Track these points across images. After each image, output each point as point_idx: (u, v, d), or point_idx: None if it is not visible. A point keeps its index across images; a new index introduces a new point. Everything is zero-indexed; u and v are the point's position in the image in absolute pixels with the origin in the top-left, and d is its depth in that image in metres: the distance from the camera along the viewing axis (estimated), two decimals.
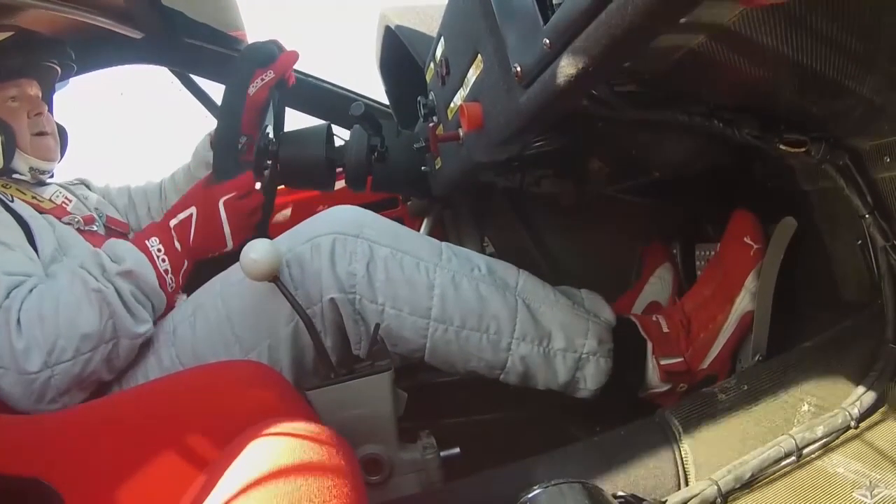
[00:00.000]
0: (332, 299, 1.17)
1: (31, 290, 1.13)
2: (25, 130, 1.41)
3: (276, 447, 0.79)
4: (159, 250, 1.25)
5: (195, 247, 1.29)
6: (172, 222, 1.28)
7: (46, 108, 1.49)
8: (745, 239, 1.21)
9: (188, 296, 1.33)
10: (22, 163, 1.41)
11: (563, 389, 1.25)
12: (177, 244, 1.27)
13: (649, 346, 1.26)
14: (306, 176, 1.50)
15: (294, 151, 1.46)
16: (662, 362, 1.24)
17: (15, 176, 1.41)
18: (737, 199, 1.29)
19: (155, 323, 1.25)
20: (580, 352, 1.22)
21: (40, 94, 1.48)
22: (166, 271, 1.25)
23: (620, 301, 1.49)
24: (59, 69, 1.53)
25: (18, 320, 1.10)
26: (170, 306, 1.29)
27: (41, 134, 1.45)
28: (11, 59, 1.41)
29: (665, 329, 1.28)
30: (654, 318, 1.31)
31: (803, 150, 0.92)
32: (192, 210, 1.29)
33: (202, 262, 1.34)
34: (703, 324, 1.25)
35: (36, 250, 1.26)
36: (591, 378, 1.23)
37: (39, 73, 1.48)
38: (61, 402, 1.12)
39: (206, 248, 1.31)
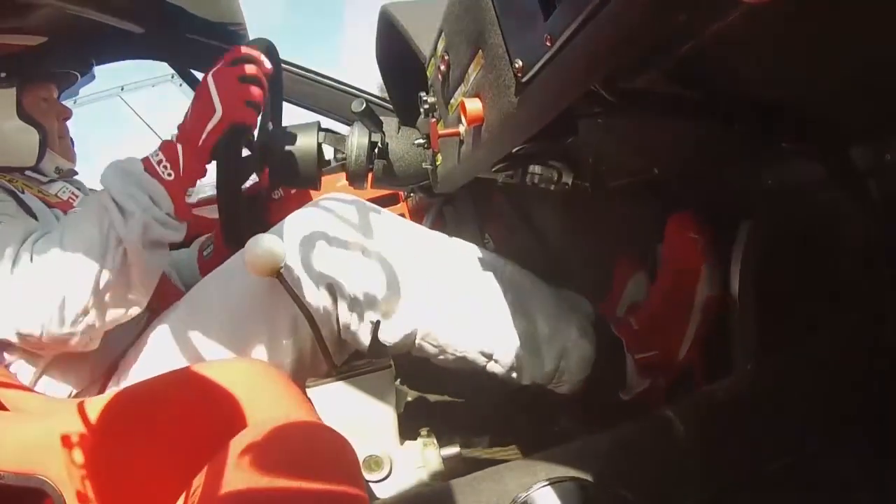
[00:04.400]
0: (329, 285, 1.18)
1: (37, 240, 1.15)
2: (55, 132, 1.46)
3: (277, 444, 0.79)
4: (154, 152, 1.23)
5: (191, 127, 1.24)
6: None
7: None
8: (689, 234, 1.23)
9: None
10: (49, 163, 1.45)
11: (547, 382, 1.26)
12: (171, 136, 1.26)
13: (623, 343, 1.29)
14: (293, 172, 1.49)
15: (284, 147, 1.45)
16: (638, 356, 1.27)
17: (27, 173, 1.43)
18: (736, 200, 1.29)
19: (151, 313, 1.27)
20: (564, 341, 1.24)
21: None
22: (159, 162, 1.21)
23: (602, 307, 1.50)
24: (79, 78, 1.57)
25: (31, 258, 1.11)
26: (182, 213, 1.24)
27: (64, 137, 1.50)
28: (44, 64, 1.45)
29: (635, 326, 1.31)
30: (622, 318, 1.34)
31: (805, 146, 0.92)
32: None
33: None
34: (670, 317, 1.27)
35: None
36: (575, 368, 1.25)
37: (62, 81, 1.52)
38: (84, 324, 1.12)
39: (199, 125, 1.24)
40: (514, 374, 1.25)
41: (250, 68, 1.27)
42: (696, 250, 1.21)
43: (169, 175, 1.20)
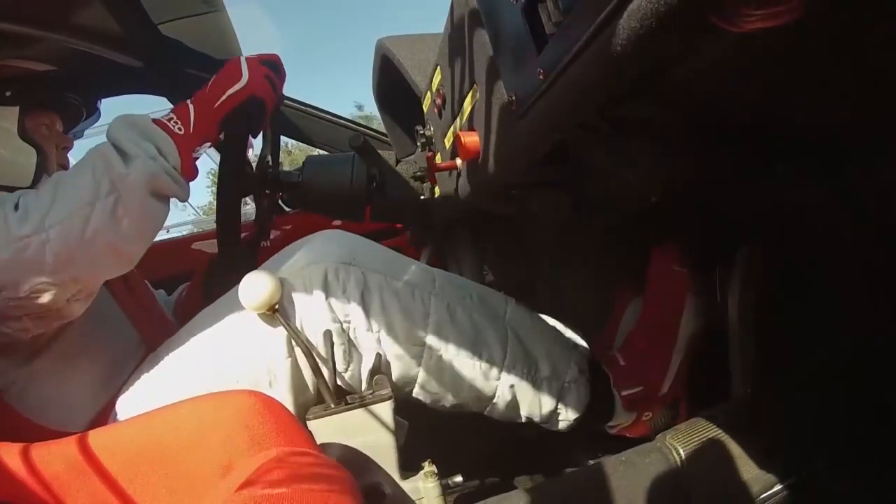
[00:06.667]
0: (327, 331, 1.16)
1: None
2: (54, 160, 1.44)
3: (277, 477, 0.78)
4: (165, 114, 1.19)
5: (210, 89, 1.23)
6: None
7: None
8: (673, 267, 1.23)
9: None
10: None
11: (544, 421, 1.25)
12: (189, 104, 1.22)
13: (611, 379, 1.28)
14: (336, 204, 1.48)
15: (326, 178, 1.44)
16: (623, 393, 1.25)
17: None
18: (732, 225, 1.30)
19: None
20: (563, 380, 1.23)
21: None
22: (170, 119, 1.17)
23: (601, 337, 1.50)
24: (83, 115, 1.59)
25: (17, 205, 1.04)
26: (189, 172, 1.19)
27: (64, 168, 1.47)
28: (49, 91, 1.46)
29: (622, 362, 1.30)
30: (610, 354, 1.33)
31: (800, 167, 0.92)
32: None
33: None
34: (655, 351, 1.27)
35: None
36: (572, 407, 1.23)
37: (66, 113, 1.52)
38: (65, 276, 1.05)
39: (220, 88, 1.23)
40: (512, 415, 1.24)
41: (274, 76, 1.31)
42: (680, 282, 1.21)
43: (179, 129, 1.16)
